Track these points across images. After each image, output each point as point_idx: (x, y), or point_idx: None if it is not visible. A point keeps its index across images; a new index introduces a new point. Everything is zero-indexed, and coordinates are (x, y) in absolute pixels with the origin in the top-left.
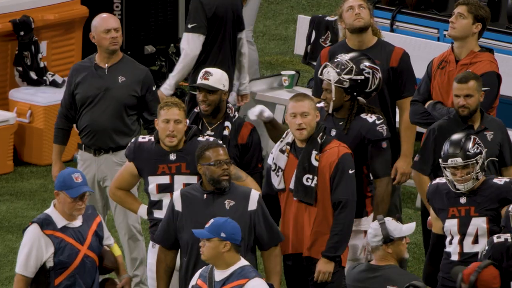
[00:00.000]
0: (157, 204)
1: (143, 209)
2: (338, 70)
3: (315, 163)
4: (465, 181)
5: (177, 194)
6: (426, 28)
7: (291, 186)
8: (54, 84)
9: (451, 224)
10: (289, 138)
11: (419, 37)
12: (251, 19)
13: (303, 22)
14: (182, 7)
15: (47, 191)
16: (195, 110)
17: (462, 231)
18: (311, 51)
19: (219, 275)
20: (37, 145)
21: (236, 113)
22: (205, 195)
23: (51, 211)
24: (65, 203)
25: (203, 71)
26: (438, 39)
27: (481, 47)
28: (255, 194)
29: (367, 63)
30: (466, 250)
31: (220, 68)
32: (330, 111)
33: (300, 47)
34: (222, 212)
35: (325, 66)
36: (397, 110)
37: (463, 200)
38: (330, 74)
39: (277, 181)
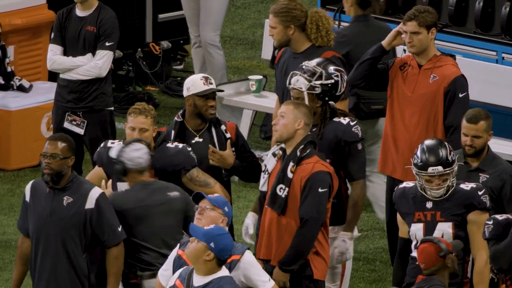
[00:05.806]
0: None
1: None
2: (308, 77)
3: (290, 175)
4: (440, 188)
5: (29, 184)
6: None
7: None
8: (21, 88)
9: (417, 229)
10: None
11: None
12: (218, 24)
13: None
14: (149, 11)
15: (14, 196)
16: (177, 119)
17: (428, 236)
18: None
19: (198, 280)
20: (5, 150)
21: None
22: (47, 189)
23: None
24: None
25: (200, 77)
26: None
27: (442, 52)
28: (94, 194)
29: (334, 66)
30: None
31: None
32: None
33: (267, 51)
34: (59, 208)
35: (292, 75)
36: None
37: (429, 205)
38: (300, 82)
39: (261, 183)
